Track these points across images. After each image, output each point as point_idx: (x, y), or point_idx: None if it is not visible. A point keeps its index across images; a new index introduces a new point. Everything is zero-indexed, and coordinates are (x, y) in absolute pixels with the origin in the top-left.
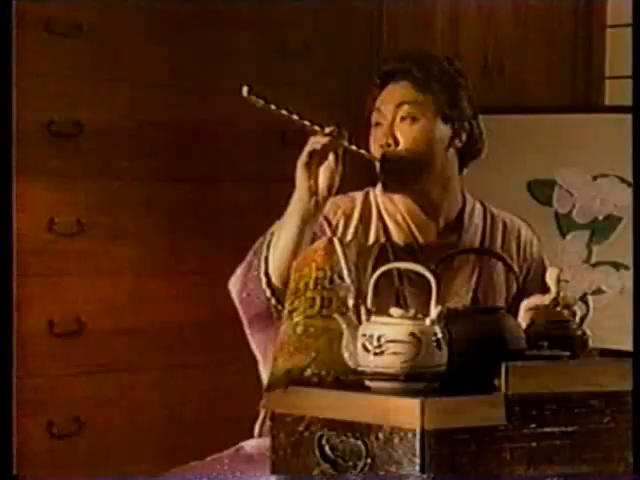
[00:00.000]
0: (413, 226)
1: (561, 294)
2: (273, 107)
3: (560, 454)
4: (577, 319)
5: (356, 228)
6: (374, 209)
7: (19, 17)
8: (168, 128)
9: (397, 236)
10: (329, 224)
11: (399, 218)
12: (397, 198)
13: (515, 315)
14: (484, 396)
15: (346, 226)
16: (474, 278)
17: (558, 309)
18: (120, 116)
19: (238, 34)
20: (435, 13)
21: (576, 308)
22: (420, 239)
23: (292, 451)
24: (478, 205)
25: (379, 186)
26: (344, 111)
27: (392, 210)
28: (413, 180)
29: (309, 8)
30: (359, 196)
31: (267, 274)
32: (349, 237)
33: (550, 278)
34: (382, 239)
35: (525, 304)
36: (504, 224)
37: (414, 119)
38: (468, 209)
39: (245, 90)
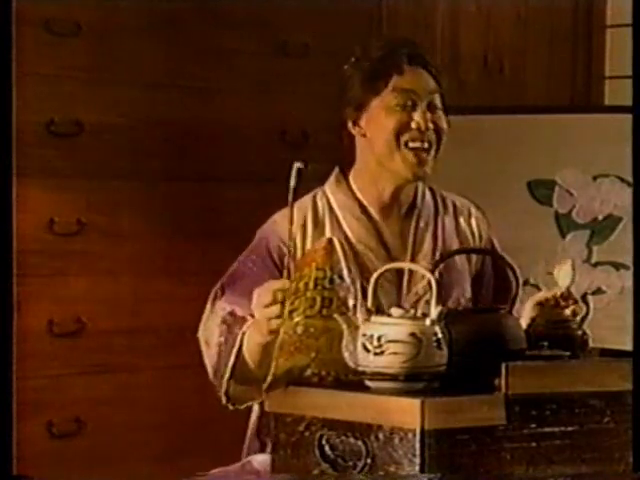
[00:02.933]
0: (377, 216)
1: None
2: None
3: (560, 454)
4: (577, 319)
5: (312, 237)
6: (326, 210)
7: (19, 17)
8: (168, 128)
9: (357, 230)
10: (284, 244)
11: (357, 211)
12: (363, 191)
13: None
14: (484, 396)
15: (304, 237)
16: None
17: (565, 303)
18: (120, 116)
19: (238, 34)
20: (435, 13)
21: (581, 304)
22: (384, 229)
23: (292, 451)
24: (426, 188)
25: (330, 183)
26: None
27: (350, 204)
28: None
29: (309, 8)
30: (308, 202)
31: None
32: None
33: (562, 270)
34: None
35: (535, 298)
36: (454, 205)
37: (437, 109)
38: (420, 191)
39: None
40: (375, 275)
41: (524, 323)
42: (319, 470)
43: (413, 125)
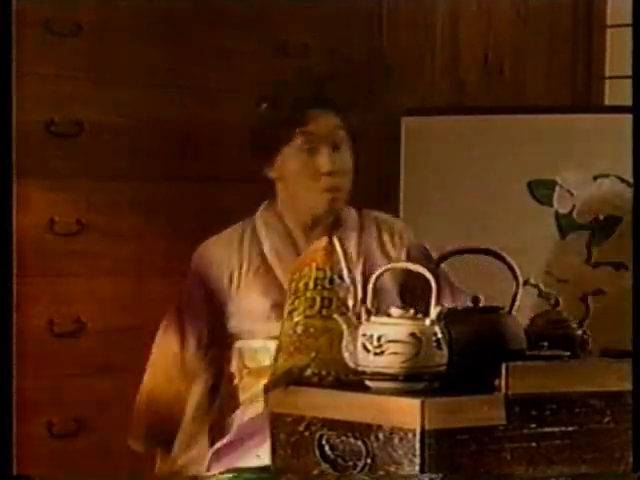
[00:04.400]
0: (300, 238)
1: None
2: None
3: (560, 454)
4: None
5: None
6: (248, 230)
7: (19, 17)
8: (168, 128)
9: (276, 244)
10: (228, 279)
11: (280, 229)
12: (289, 214)
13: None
14: (484, 396)
15: (235, 264)
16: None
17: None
18: (120, 116)
19: (238, 34)
20: (435, 12)
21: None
22: (301, 246)
23: (292, 451)
24: (349, 207)
25: (260, 210)
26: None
27: (274, 223)
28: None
29: (309, 8)
30: (236, 233)
31: None
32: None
33: None
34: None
35: None
36: (377, 222)
37: (341, 148)
38: (344, 210)
39: None
40: (375, 275)
41: None
42: (319, 470)
43: (322, 169)
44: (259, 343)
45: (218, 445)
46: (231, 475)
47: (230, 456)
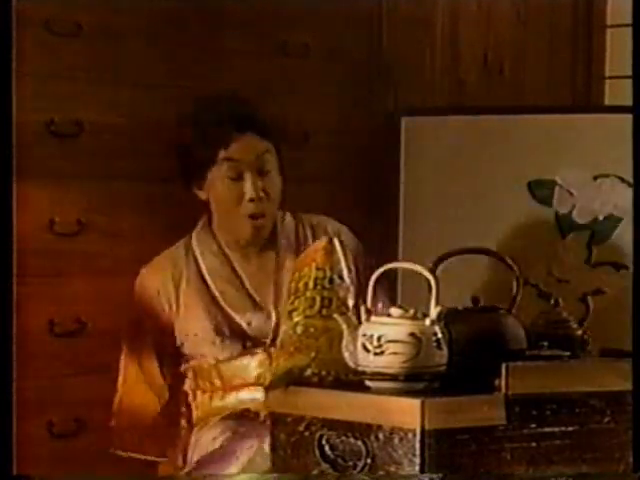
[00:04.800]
0: (233, 254)
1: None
2: None
3: (560, 454)
4: (577, 319)
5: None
6: (182, 249)
7: (19, 17)
8: (168, 128)
9: (211, 263)
10: (166, 303)
11: (215, 248)
12: (221, 234)
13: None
14: (484, 396)
15: (172, 287)
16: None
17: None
18: (120, 116)
19: (238, 34)
20: (435, 12)
21: None
22: (239, 262)
23: (292, 451)
24: (287, 213)
25: (197, 228)
26: (344, 112)
27: (209, 242)
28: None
29: (309, 8)
30: (168, 255)
31: None
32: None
33: None
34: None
35: None
36: (312, 227)
37: (270, 171)
38: (279, 221)
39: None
40: (375, 275)
41: None
42: (319, 470)
43: (246, 196)
44: (210, 363)
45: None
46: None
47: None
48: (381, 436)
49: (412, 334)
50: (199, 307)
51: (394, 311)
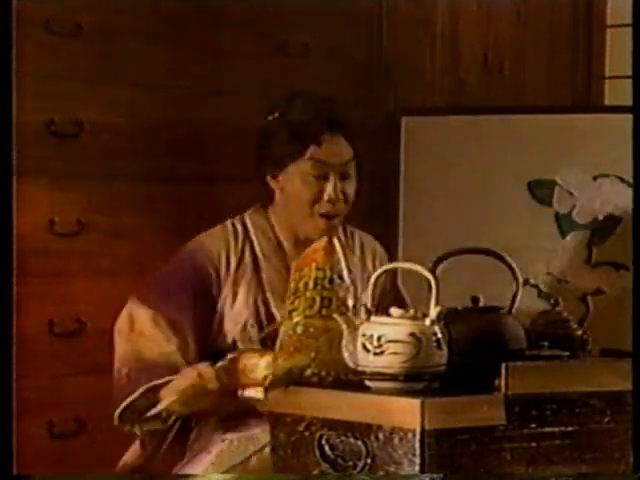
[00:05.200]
0: (290, 250)
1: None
2: None
3: (560, 454)
4: (577, 319)
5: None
6: (240, 232)
7: (19, 17)
8: (168, 128)
9: (267, 252)
10: (217, 273)
11: (272, 240)
12: (281, 227)
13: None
14: (484, 396)
15: (228, 258)
16: None
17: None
18: (120, 116)
19: (238, 34)
20: (435, 12)
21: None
22: (289, 254)
23: (292, 451)
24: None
25: (250, 214)
26: (344, 112)
27: (265, 230)
28: None
29: (309, 8)
30: (227, 226)
31: None
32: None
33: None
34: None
35: None
36: (361, 245)
37: (351, 176)
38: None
39: None
40: (375, 275)
41: None
42: (319, 470)
43: (325, 197)
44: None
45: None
46: (230, 476)
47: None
48: (381, 436)
49: (412, 334)
50: (246, 284)
51: (394, 311)
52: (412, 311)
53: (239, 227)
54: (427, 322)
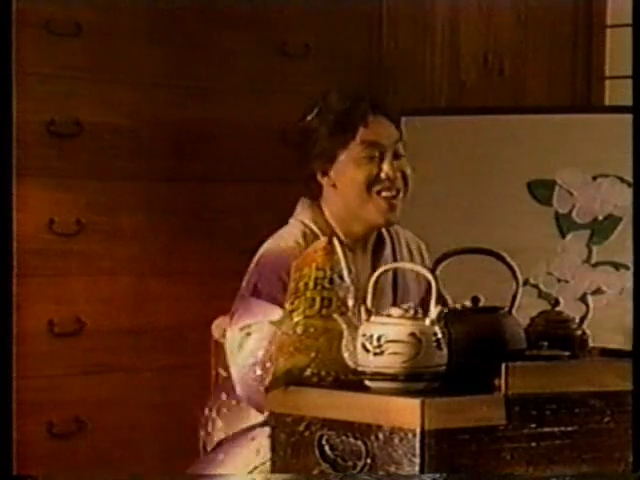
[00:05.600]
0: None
1: None
2: None
3: (560, 454)
4: (577, 319)
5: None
6: (310, 233)
7: (19, 17)
8: (168, 128)
9: None
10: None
11: (327, 231)
12: (339, 225)
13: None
14: (484, 396)
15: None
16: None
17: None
18: (120, 116)
19: (238, 34)
20: (435, 13)
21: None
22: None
23: (292, 451)
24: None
25: (307, 217)
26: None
27: (320, 223)
28: None
29: (309, 8)
30: (297, 233)
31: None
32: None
33: None
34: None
35: None
36: (408, 245)
37: (401, 156)
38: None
39: None
40: (375, 276)
41: None
42: (319, 470)
43: (382, 175)
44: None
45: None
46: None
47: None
48: (381, 436)
49: (412, 334)
50: None
51: (394, 311)
52: (412, 311)
53: (306, 229)
54: (427, 322)
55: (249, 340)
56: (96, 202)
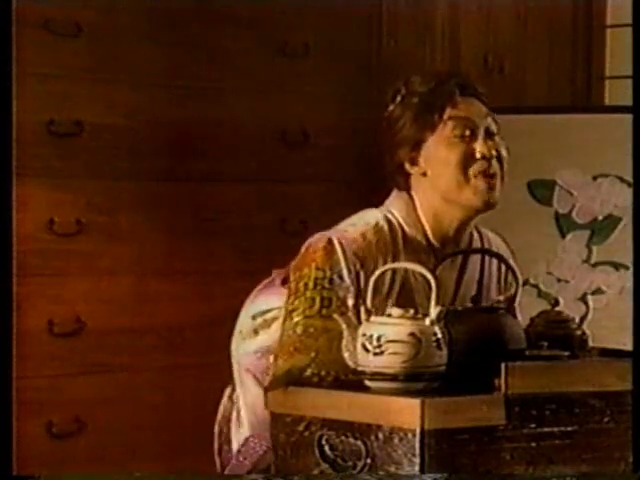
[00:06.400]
0: (439, 249)
1: None
2: None
3: (560, 454)
4: (577, 319)
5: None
6: (400, 236)
7: (19, 17)
8: (168, 128)
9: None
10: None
11: (419, 236)
12: (430, 221)
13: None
14: (484, 396)
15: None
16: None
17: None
18: (120, 116)
19: (238, 34)
20: (435, 13)
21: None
22: (436, 244)
23: (292, 451)
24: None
25: (400, 210)
26: (344, 112)
27: (412, 221)
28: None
29: (309, 8)
30: (382, 224)
31: None
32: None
33: None
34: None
35: None
36: (489, 239)
37: (494, 135)
38: (475, 233)
39: None
40: (375, 275)
41: None
42: (319, 470)
43: (477, 155)
44: None
45: None
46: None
47: None
48: (381, 436)
49: (412, 334)
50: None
51: (394, 311)
52: (412, 311)
53: (382, 215)
54: (427, 322)
55: (266, 330)
56: (96, 202)
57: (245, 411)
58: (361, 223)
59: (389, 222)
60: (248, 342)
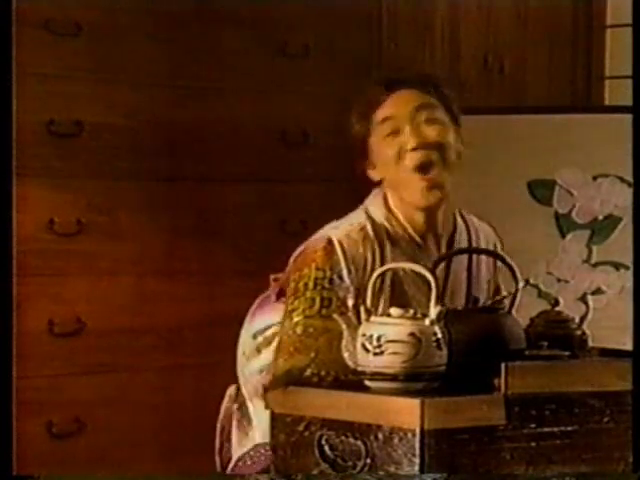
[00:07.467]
0: (420, 242)
1: None
2: None
3: (560, 454)
4: (577, 319)
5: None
6: (385, 237)
7: (19, 17)
8: (168, 128)
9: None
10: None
11: (399, 230)
12: (403, 217)
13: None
14: (484, 396)
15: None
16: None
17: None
18: (120, 116)
19: (238, 34)
20: (435, 13)
21: None
22: (416, 236)
23: (292, 451)
24: (457, 215)
25: (378, 214)
26: (344, 112)
27: (390, 217)
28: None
29: (309, 8)
30: (367, 228)
31: None
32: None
33: None
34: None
35: None
36: (481, 235)
37: (434, 121)
38: (458, 221)
39: None
40: (375, 275)
41: None
42: (319, 470)
43: (408, 147)
44: None
45: None
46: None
47: None
48: (381, 436)
49: (412, 334)
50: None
51: (394, 311)
52: (412, 311)
53: (368, 225)
54: (427, 322)
55: (269, 348)
56: (96, 202)
57: (257, 423)
58: (344, 224)
59: (372, 220)
60: (252, 362)
